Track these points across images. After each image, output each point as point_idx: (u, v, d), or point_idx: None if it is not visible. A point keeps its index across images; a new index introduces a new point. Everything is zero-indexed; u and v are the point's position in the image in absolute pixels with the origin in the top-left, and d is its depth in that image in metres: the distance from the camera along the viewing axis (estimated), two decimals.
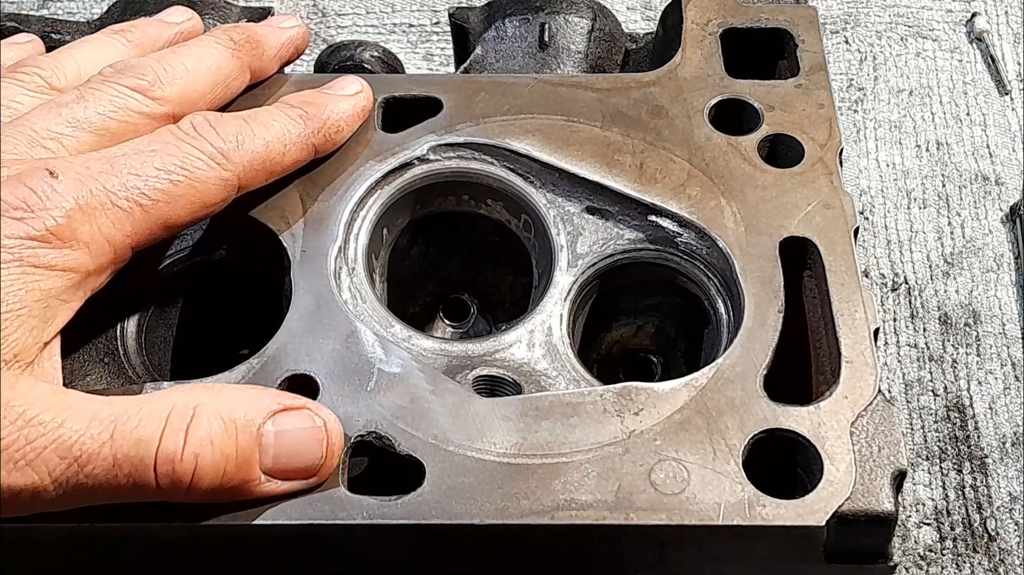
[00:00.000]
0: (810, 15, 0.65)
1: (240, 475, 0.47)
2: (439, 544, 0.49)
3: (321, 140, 0.57)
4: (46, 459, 0.45)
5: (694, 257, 0.57)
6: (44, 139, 0.51)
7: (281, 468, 0.48)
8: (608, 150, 0.59)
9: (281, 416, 0.48)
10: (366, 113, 0.59)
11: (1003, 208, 0.88)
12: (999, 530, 0.73)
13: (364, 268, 0.56)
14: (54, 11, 1.00)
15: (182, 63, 0.56)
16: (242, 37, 0.59)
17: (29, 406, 0.45)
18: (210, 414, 0.47)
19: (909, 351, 0.81)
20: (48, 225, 0.47)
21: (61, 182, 0.48)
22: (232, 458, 0.46)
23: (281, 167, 0.55)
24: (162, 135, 0.52)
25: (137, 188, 0.50)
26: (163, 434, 0.46)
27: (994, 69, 0.95)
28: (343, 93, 0.59)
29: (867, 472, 0.48)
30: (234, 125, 0.54)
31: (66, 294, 0.48)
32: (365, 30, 1.00)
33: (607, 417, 0.50)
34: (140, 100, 0.54)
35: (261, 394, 0.49)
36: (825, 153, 0.58)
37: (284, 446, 0.47)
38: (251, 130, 0.54)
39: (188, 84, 0.56)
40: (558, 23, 0.67)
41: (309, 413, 0.48)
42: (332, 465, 0.49)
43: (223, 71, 0.58)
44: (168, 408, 0.46)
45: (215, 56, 0.58)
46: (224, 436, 0.46)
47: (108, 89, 0.54)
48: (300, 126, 0.56)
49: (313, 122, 0.56)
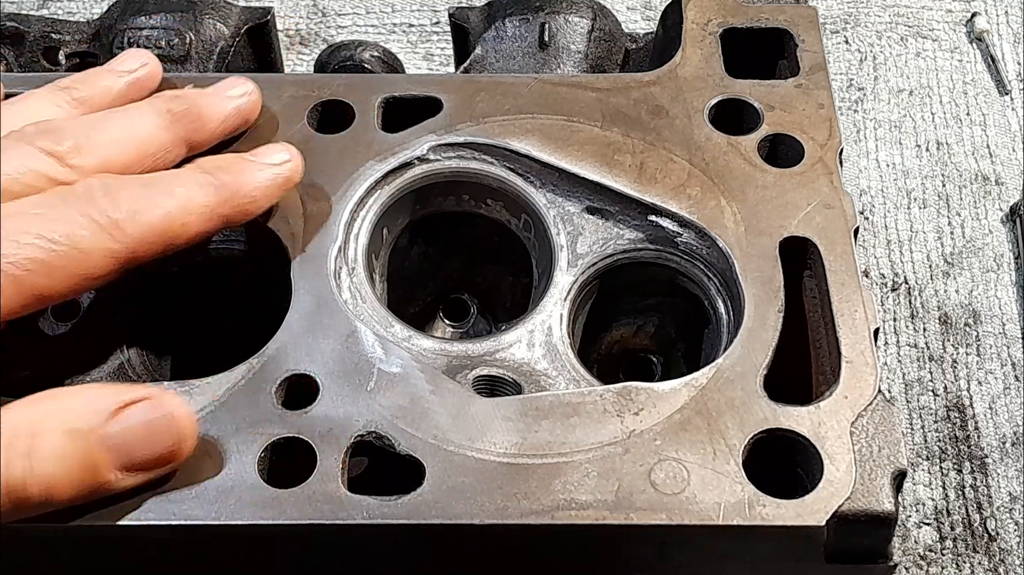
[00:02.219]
0: (810, 15, 0.65)
1: (94, 480, 0.46)
2: (439, 544, 0.49)
3: (231, 211, 0.52)
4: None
5: (694, 257, 0.57)
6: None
7: (135, 462, 0.47)
8: (608, 150, 0.59)
9: (123, 413, 0.46)
10: (289, 184, 0.55)
11: (1003, 208, 0.88)
12: (999, 530, 0.73)
13: (364, 268, 0.56)
14: (54, 11, 1.00)
15: (110, 132, 0.52)
16: (181, 109, 0.55)
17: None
18: (51, 430, 0.45)
19: (909, 351, 0.81)
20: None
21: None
22: (82, 467, 0.46)
23: (183, 239, 0.51)
24: (52, 196, 0.49)
25: (14, 254, 0.46)
26: (6, 462, 0.44)
27: (994, 69, 0.95)
28: (267, 161, 0.55)
29: (867, 472, 0.48)
30: (132, 191, 0.50)
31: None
32: (365, 30, 1.00)
33: (607, 417, 0.50)
34: (51, 165, 0.50)
35: (99, 394, 0.47)
36: (825, 153, 0.58)
37: (133, 441, 0.46)
38: (151, 198, 0.50)
39: (111, 155, 0.52)
40: (558, 23, 0.67)
41: (150, 403, 0.47)
42: (188, 447, 0.48)
43: (154, 144, 0.54)
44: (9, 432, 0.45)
45: (148, 128, 0.54)
46: (70, 448, 0.45)
47: (20, 148, 0.50)
48: (208, 195, 0.51)
49: (224, 191, 0.52)
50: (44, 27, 0.68)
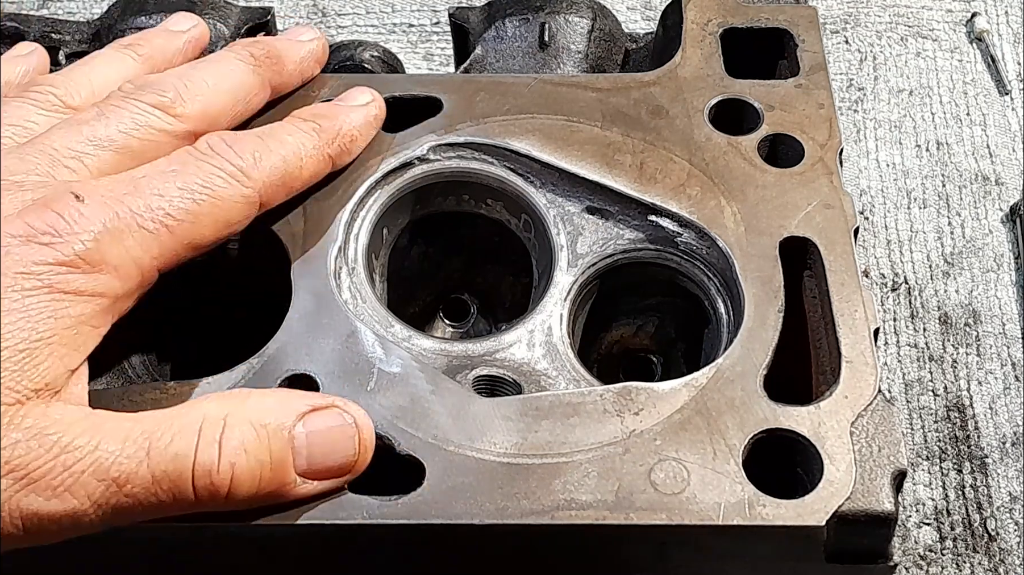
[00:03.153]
0: (810, 15, 0.65)
1: (276, 480, 0.47)
2: (439, 544, 0.49)
3: (337, 151, 0.56)
4: (84, 483, 0.44)
5: (694, 257, 0.57)
6: (65, 158, 0.50)
7: (316, 469, 0.47)
8: (608, 150, 0.59)
9: (311, 417, 0.48)
10: (379, 122, 0.59)
11: (1003, 208, 0.88)
12: (999, 530, 0.73)
13: (364, 268, 0.56)
14: (54, 11, 1.00)
15: (203, 79, 0.55)
16: (262, 52, 0.58)
17: (63, 432, 0.45)
18: (241, 422, 0.46)
19: (909, 351, 0.81)
20: (77, 250, 0.46)
21: (88, 205, 0.47)
22: (267, 464, 0.46)
23: (300, 181, 0.55)
24: (180, 156, 0.52)
25: (162, 209, 0.49)
26: (198, 447, 0.45)
27: (994, 69, 0.95)
28: (355, 104, 0.58)
29: (867, 472, 0.48)
30: (251, 143, 0.53)
31: (95, 319, 0.48)
32: (365, 30, 1.00)
33: (607, 417, 0.50)
34: (161, 117, 0.53)
35: (289, 397, 0.49)
36: (825, 153, 0.58)
37: (317, 447, 0.47)
38: (267, 147, 0.53)
39: (209, 101, 0.55)
40: (558, 23, 0.67)
41: (338, 411, 0.48)
42: (366, 460, 0.48)
43: (244, 87, 0.57)
44: (199, 420, 0.46)
45: (236, 72, 0.57)
46: (257, 443, 0.46)
47: (129, 106, 0.53)
48: (315, 139, 0.55)
49: (327, 134, 0.56)
50: (44, 27, 0.68)
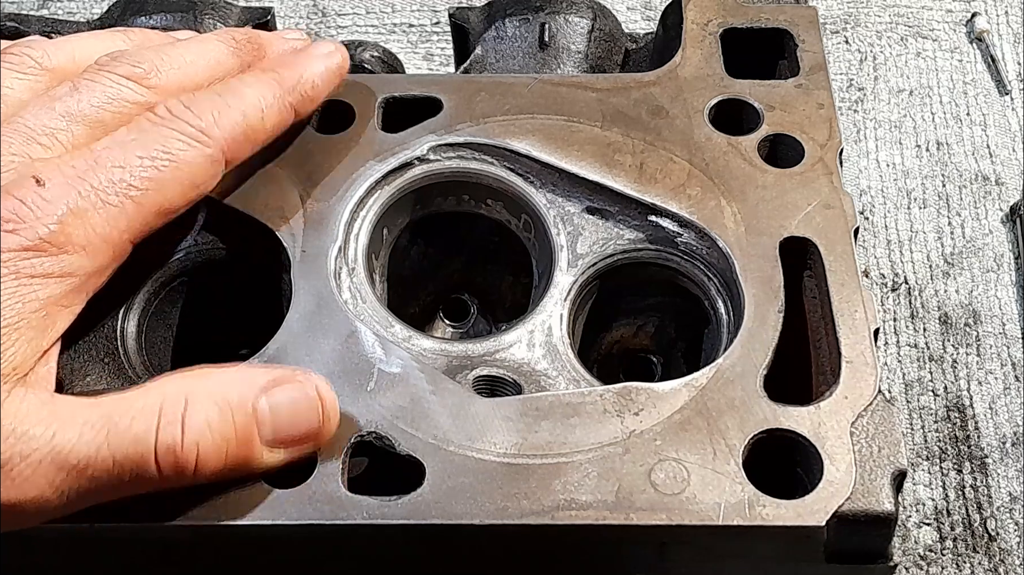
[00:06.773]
0: (810, 15, 0.65)
1: (242, 453, 0.47)
2: (439, 544, 0.49)
3: (298, 99, 0.56)
4: (44, 472, 0.44)
5: (694, 257, 0.57)
6: (39, 135, 0.50)
7: (281, 439, 0.48)
8: (608, 150, 0.59)
9: (273, 390, 0.48)
10: (342, 72, 0.59)
11: (1003, 208, 0.88)
12: (999, 530, 0.73)
13: (364, 268, 0.56)
14: (54, 11, 1.00)
15: (180, 55, 0.55)
16: (244, 37, 0.58)
17: (19, 422, 0.45)
18: (203, 399, 0.47)
19: (909, 351, 0.81)
20: (41, 234, 0.47)
21: (49, 188, 0.47)
22: (232, 439, 0.47)
23: (264, 133, 0.55)
24: (139, 123, 0.51)
25: (124, 181, 0.49)
26: (159, 427, 0.46)
27: (994, 69, 0.95)
28: (316, 53, 0.58)
29: (867, 472, 0.48)
30: (208, 101, 0.53)
31: (66, 299, 0.48)
32: (365, 30, 1.00)
33: (607, 417, 0.50)
34: (134, 89, 0.53)
35: (250, 371, 0.49)
36: (825, 153, 0.58)
37: (281, 418, 0.48)
38: (226, 103, 0.53)
39: (185, 75, 0.55)
40: (558, 23, 0.67)
41: (299, 383, 0.49)
42: (331, 428, 0.49)
43: (223, 67, 0.56)
44: (160, 400, 0.46)
45: (216, 52, 0.57)
46: (221, 420, 0.47)
47: (102, 79, 0.53)
48: (275, 88, 0.55)
49: (287, 82, 0.56)
50: (44, 27, 0.68)
